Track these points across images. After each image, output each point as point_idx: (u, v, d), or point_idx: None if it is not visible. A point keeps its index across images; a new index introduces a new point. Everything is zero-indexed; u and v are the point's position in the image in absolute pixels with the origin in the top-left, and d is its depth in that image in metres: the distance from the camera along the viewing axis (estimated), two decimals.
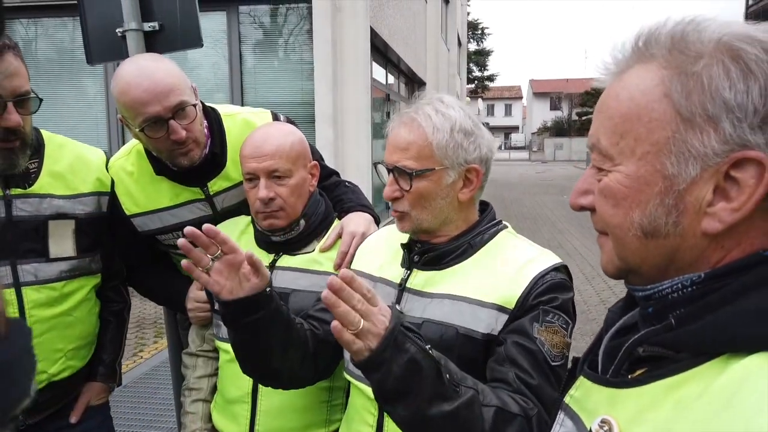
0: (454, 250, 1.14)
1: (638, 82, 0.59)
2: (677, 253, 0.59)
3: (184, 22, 1.86)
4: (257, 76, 6.62)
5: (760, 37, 0.55)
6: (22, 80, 1.27)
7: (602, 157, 0.62)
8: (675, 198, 0.57)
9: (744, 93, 0.53)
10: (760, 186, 0.53)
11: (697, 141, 0.55)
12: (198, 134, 1.43)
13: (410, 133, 1.11)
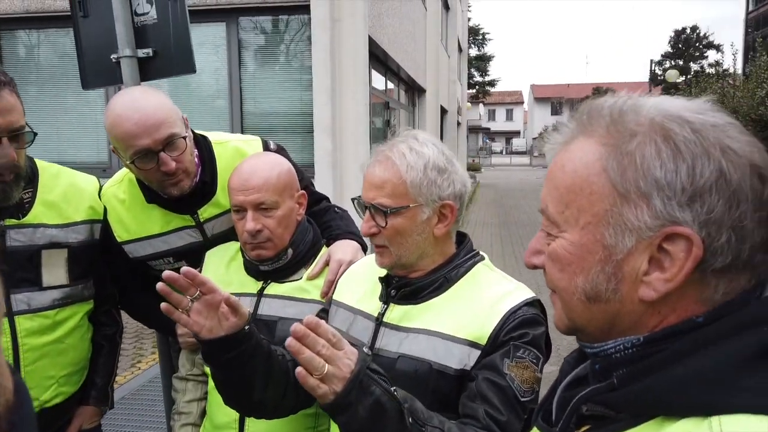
0: (430, 285, 1.17)
1: (581, 155, 0.63)
2: (618, 317, 0.62)
3: (178, 49, 1.90)
4: (256, 87, 6.66)
5: (689, 118, 0.58)
6: (17, 116, 1.30)
7: (550, 223, 0.66)
8: (614, 267, 0.61)
9: (673, 172, 0.57)
10: (688, 260, 0.57)
11: (632, 215, 0.59)
12: (188, 165, 1.46)
13: (385, 171, 1.14)
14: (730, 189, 0.56)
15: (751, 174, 0.57)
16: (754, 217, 0.57)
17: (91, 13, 1.95)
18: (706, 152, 0.57)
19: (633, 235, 0.59)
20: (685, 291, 0.59)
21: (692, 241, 0.56)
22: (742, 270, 0.58)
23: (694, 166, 0.56)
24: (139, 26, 1.90)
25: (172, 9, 1.88)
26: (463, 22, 26.54)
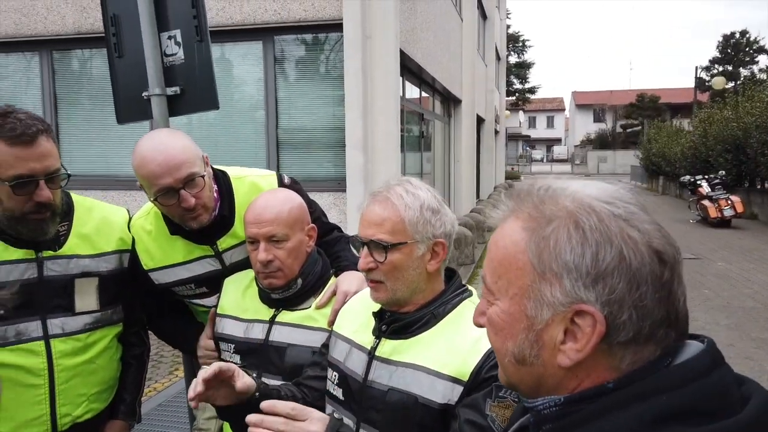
0: (418, 320, 1.24)
1: (510, 233, 0.70)
2: (543, 378, 0.69)
3: (202, 87, 2.03)
4: (291, 102, 6.85)
5: (597, 208, 0.65)
6: (53, 160, 1.44)
7: (487, 291, 0.73)
8: (535, 335, 0.68)
9: (580, 257, 0.64)
10: (594, 334, 0.63)
11: (548, 292, 0.66)
12: (207, 200, 1.58)
13: (384, 210, 1.23)
14: (631, 272, 0.63)
15: (650, 259, 0.64)
16: (654, 297, 0.64)
17: (125, 54, 2.11)
18: (608, 240, 0.64)
19: (550, 309, 0.66)
20: (596, 359, 0.65)
21: (595, 317, 0.63)
22: (645, 343, 0.65)
23: (598, 252, 0.63)
24: (168, 66, 2.05)
25: (197, 50, 2.02)
26: (502, 30, 26.41)
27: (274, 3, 6.51)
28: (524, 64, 46.36)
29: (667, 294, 0.65)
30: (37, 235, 1.48)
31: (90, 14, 6.93)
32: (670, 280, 0.65)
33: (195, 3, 1.99)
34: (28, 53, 7.34)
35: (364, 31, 6.30)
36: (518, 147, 57.96)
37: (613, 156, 45.96)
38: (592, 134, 52.84)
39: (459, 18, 13.55)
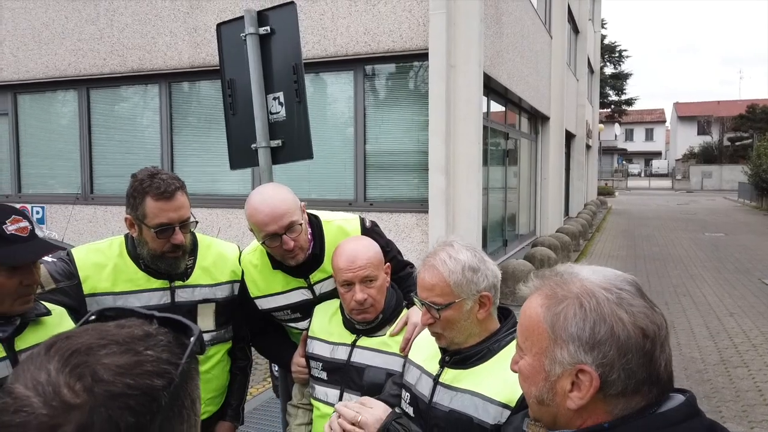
0: (476, 354, 1.47)
1: (534, 306, 0.94)
2: (557, 416, 0.92)
3: (300, 140, 2.39)
4: (378, 127, 7.24)
5: (596, 293, 0.87)
6: (186, 210, 1.83)
7: (519, 347, 0.97)
8: (551, 384, 0.90)
9: (582, 329, 0.86)
10: (591, 388, 0.85)
11: (559, 353, 0.88)
12: (303, 243, 1.91)
13: (432, 277, 1.48)
14: (619, 343, 0.84)
15: (635, 334, 0.85)
16: (638, 362, 0.85)
17: (238, 112, 2.52)
18: (603, 318, 0.86)
19: (560, 366, 0.88)
20: (596, 405, 0.88)
21: (591, 375, 0.85)
22: (632, 395, 0.86)
23: (594, 327, 0.85)
24: (272, 122, 2.43)
25: (296, 109, 2.38)
26: (596, 42, 25.68)
27: (365, 35, 6.94)
28: (621, 75, 44.49)
29: (649, 360, 0.86)
30: (172, 269, 1.87)
31: (202, 50, 7.72)
32: (651, 350, 0.86)
33: (296, 70, 2.35)
34: (150, 85, 8.27)
35: (448, 60, 6.57)
36: (613, 161, 55.51)
37: (719, 171, 42.87)
38: (696, 148, 49.57)
39: (548, 36, 13.46)
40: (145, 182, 1.77)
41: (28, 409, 0.55)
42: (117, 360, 0.59)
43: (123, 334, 0.63)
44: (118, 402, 0.56)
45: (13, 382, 0.58)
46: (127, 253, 1.89)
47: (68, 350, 0.59)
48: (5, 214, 1.42)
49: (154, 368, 0.60)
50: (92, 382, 0.56)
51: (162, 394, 0.59)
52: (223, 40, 2.53)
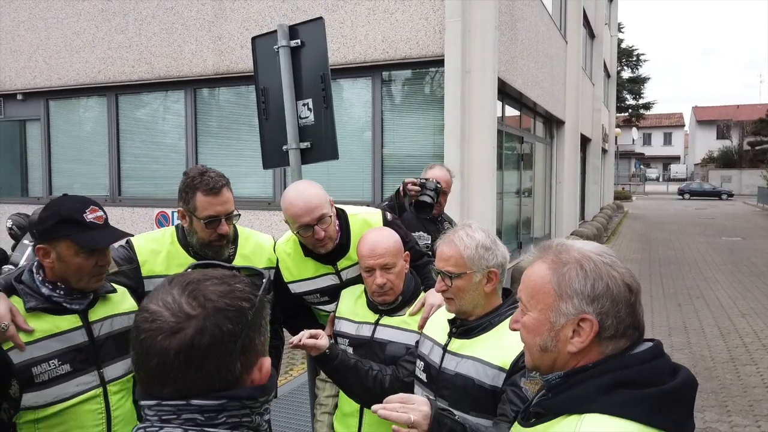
0: (479, 326, 1.70)
1: (539, 270, 1.15)
2: (556, 361, 1.13)
3: (327, 142, 2.63)
4: (395, 131, 7.49)
5: (593, 257, 1.09)
6: (230, 204, 2.07)
7: (523, 306, 1.18)
8: (555, 333, 1.11)
9: (584, 286, 1.07)
10: (591, 332, 1.07)
11: (564, 306, 1.09)
12: (332, 233, 2.14)
13: (450, 250, 1.71)
14: (613, 296, 1.05)
15: (624, 289, 1.07)
16: (625, 311, 1.06)
17: (270, 117, 2.77)
18: (600, 277, 1.07)
19: (564, 317, 1.09)
20: (591, 347, 1.08)
21: (593, 322, 1.06)
22: (620, 338, 1.07)
23: (594, 284, 1.06)
24: (301, 126, 2.67)
25: (324, 114, 2.63)
26: (612, 46, 25.69)
27: (383, 43, 7.19)
28: (638, 79, 44.26)
29: (633, 310, 1.07)
30: (217, 256, 2.12)
31: (226, 57, 8.04)
32: (634, 302, 1.08)
33: (323, 79, 2.60)
34: (176, 91, 8.61)
35: (463, 66, 6.79)
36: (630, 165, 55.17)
37: (738, 175, 42.46)
38: (715, 152, 49.09)
39: (563, 41, 13.61)
40: (196, 179, 2.02)
41: (161, 319, 0.80)
42: (217, 288, 0.84)
43: (218, 274, 0.88)
44: (221, 314, 0.81)
45: (147, 304, 0.84)
46: (178, 241, 2.14)
47: (184, 281, 0.85)
48: (85, 205, 1.68)
49: (242, 295, 0.85)
50: (204, 301, 0.82)
51: (248, 313, 0.84)
52: (257, 51, 2.78)
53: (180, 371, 0.79)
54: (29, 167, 9.89)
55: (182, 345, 0.79)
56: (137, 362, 0.82)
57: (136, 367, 0.83)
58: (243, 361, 0.83)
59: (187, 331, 0.79)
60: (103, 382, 1.75)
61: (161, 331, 0.79)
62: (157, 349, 0.79)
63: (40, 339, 1.63)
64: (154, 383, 0.81)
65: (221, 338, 0.80)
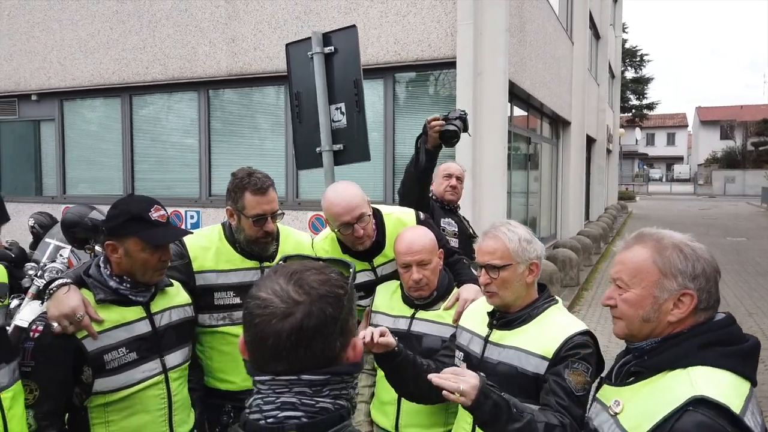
0: (518, 318, 1.82)
1: (641, 253, 1.34)
2: (654, 329, 1.32)
3: (358, 144, 2.75)
4: (406, 132, 7.60)
5: (689, 243, 1.30)
6: (276, 204, 2.19)
7: (624, 284, 1.36)
8: (658, 306, 1.31)
9: (686, 266, 1.28)
10: (691, 305, 1.27)
11: (667, 283, 1.29)
12: (369, 231, 2.26)
13: (494, 244, 1.83)
14: (706, 275, 1.30)
15: (713, 270, 1.31)
16: (714, 288, 1.31)
17: (303, 121, 2.89)
18: (698, 259, 1.30)
19: (668, 293, 1.31)
20: (687, 318, 1.29)
21: (693, 296, 1.28)
22: (708, 310, 1.31)
23: (694, 264, 1.29)
24: (334, 129, 2.80)
25: (356, 118, 2.75)
26: (617, 47, 25.77)
27: (395, 45, 7.31)
28: (642, 79, 44.26)
29: (717, 287, 1.32)
30: (263, 252, 2.24)
31: (240, 59, 8.16)
32: (717, 280, 1.32)
33: (356, 84, 2.72)
34: (190, 92, 8.74)
35: (475, 68, 6.91)
36: (634, 166, 55.22)
37: (742, 176, 42.48)
38: (719, 152, 49.12)
39: (569, 42, 13.71)
40: (244, 179, 2.14)
41: (273, 305, 0.92)
42: (317, 277, 0.96)
43: (313, 264, 1.00)
44: (323, 300, 0.93)
45: (256, 292, 0.95)
46: (225, 239, 2.26)
47: (288, 272, 0.96)
48: (150, 204, 1.81)
49: (337, 283, 0.97)
50: (309, 288, 0.93)
51: (344, 299, 0.96)
52: (290, 57, 2.90)
53: (292, 350, 0.90)
54: (43, 167, 10.04)
55: (293, 327, 0.90)
56: (252, 343, 0.93)
57: (251, 347, 0.94)
58: (341, 341, 0.95)
59: (296, 315, 0.90)
60: (165, 370, 1.87)
61: (274, 316, 0.90)
62: (271, 331, 0.90)
63: (109, 329, 1.75)
64: (269, 361, 0.92)
65: (324, 321, 0.92)
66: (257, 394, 0.94)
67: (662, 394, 1.23)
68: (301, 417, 0.90)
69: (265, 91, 8.35)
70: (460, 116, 2.70)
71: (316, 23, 7.71)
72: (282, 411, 0.91)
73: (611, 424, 1.33)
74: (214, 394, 2.24)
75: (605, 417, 1.37)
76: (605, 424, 1.35)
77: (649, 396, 1.26)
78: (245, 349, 0.98)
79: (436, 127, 2.67)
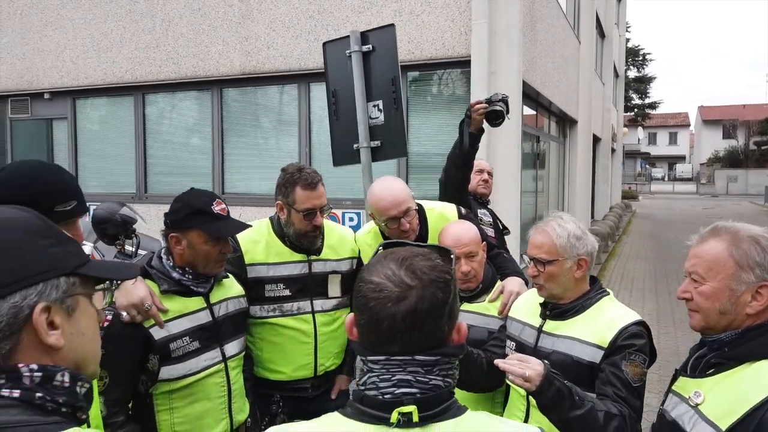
0: (571, 309, 1.86)
1: (717, 246, 1.36)
2: (732, 322, 1.35)
3: (395, 140, 2.80)
4: (420, 131, 7.65)
5: (765, 235, 1.31)
6: (324, 198, 2.24)
7: (700, 277, 1.38)
8: (735, 298, 1.33)
9: (762, 258, 1.30)
10: None
11: (745, 276, 1.31)
12: (415, 225, 2.31)
13: (543, 239, 1.88)
14: None
15: None
16: None
17: (340, 118, 2.94)
18: None
19: (745, 285, 1.33)
20: (764, 311, 1.31)
21: None
22: None
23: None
24: (372, 126, 2.84)
25: (393, 115, 2.80)
26: (621, 47, 25.81)
27: (409, 44, 7.35)
28: (644, 78, 44.28)
29: None
30: (311, 245, 2.29)
31: (253, 57, 8.21)
32: None
33: (394, 82, 2.77)
34: (203, 90, 8.79)
35: (489, 67, 6.95)
36: (636, 165, 55.24)
37: (745, 175, 42.49)
38: (721, 152, 49.15)
39: (577, 41, 13.76)
40: (295, 174, 2.19)
41: (388, 289, 0.96)
42: (425, 263, 1.00)
43: (419, 251, 1.04)
44: (434, 285, 0.97)
45: (368, 276, 0.99)
46: (274, 232, 2.31)
47: (398, 258, 1.01)
48: (212, 198, 1.86)
49: (444, 268, 1.02)
50: (420, 274, 0.98)
51: (451, 283, 1.00)
52: (327, 56, 2.95)
53: (406, 332, 0.95)
54: None
55: (408, 310, 0.94)
56: (366, 325, 0.98)
57: (365, 329, 0.98)
58: (449, 324, 1.00)
59: (410, 299, 0.95)
60: (224, 358, 1.92)
61: (389, 299, 0.95)
62: (387, 314, 0.95)
63: (173, 318, 1.81)
64: (383, 342, 0.97)
65: (435, 305, 0.96)
66: (369, 372, 0.99)
67: (750, 384, 1.26)
68: (416, 393, 0.96)
69: (279, 90, 8.40)
70: (503, 98, 2.76)
71: (330, 22, 7.76)
72: (399, 388, 0.96)
73: (692, 414, 1.35)
74: (263, 384, 2.29)
75: (684, 408, 1.40)
76: (685, 416, 1.38)
77: (735, 386, 1.29)
78: (354, 331, 1.03)
79: (480, 110, 2.72)
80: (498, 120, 2.77)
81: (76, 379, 0.80)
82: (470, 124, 2.75)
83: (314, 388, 2.37)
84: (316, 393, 2.38)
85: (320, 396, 2.40)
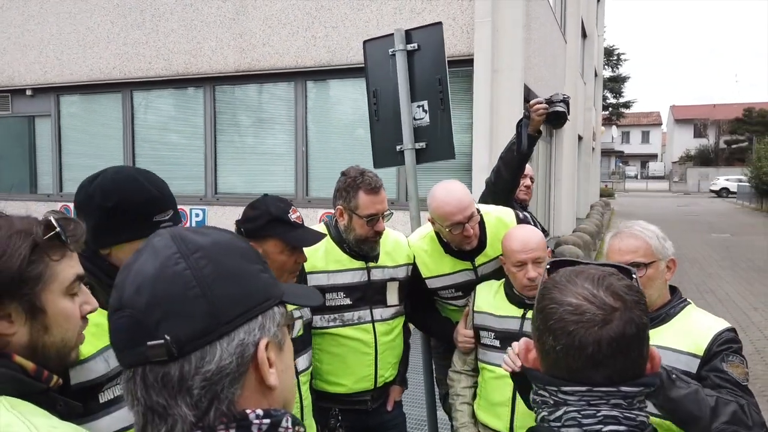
0: (657, 317, 1.80)
1: None
2: None
3: (442, 141, 2.71)
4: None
5: None
6: (386, 203, 2.14)
7: None
8: None
9: None
10: None
11: None
12: (476, 230, 2.23)
13: (636, 242, 1.81)
14: None
15: None
16: None
17: (380, 118, 2.84)
18: None
19: None
20: None
21: None
22: None
23: None
24: (416, 127, 2.75)
25: (440, 116, 2.71)
26: (599, 48, 26.14)
27: None
28: (619, 78, 45.02)
29: None
30: (371, 251, 2.19)
31: (248, 55, 8.02)
32: None
33: (441, 82, 2.68)
34: (196, 88, 8.57)
35: (492, 66, 6.92)
36: (611, 163, 56.14)
37: (716, 173, 43.56)
38: (692, 150, 50.30)
39: (563, 40, 13.86)
40: (357, 179, 2.09)
41: (589, 311, 0.88)
42: (623, 283, 0.92)
43: (610, 270, 0.95)
44: (637, 307, 0.89)
45: (561, 297, 0.90)
46: (332, 239, 2.21)
47: (592, 277, 0.91)
48: (288, 205, 1.75)
49: (639, 289, 0.92)
50: (622, 295, 0.89)
51: (644, 305, 0.92)
52: (368, 55, 2.85)
53: (611, 358, 0.86)
54: (38, 164, 9.74)
55: (616, 335, 0.86)
56: (564, 351, 0.88)
57: (562, 356, 0.88)
58: (647, 350, 0.92)
59: (616, 322, 0.86)
60: (296, 374, 1.81)
61: (594, 323, 0.86)
62: (592, 339, 0.86)
63: None
64: (585, 370, 0.87)
65: (641, 328, 0.88)
66: (563, 405, 0.90)
67: None
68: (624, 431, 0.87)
69: (274, 88, 8.23)
70: (564, 99, 2.65)
71: (328, 19, 7.63)
72: (606, 425, 0.86)
73: None
74: (321, 397, 2.19)
75: None
76: None
77: None
78: (532, 357, 0.94)
79: (540, 110, 2.63)
80: (561, 120, 2.64)
81: (296, 424, 0.71)
82: (528, 125, 2.66)
83: (373, 400, 2.27)
84: (375, 405, 2.29)
85: (378, 408, 2.31)
